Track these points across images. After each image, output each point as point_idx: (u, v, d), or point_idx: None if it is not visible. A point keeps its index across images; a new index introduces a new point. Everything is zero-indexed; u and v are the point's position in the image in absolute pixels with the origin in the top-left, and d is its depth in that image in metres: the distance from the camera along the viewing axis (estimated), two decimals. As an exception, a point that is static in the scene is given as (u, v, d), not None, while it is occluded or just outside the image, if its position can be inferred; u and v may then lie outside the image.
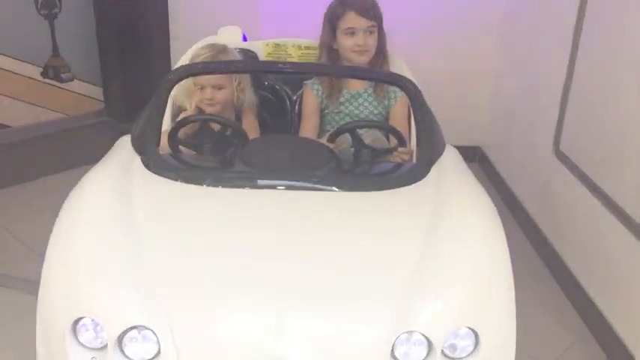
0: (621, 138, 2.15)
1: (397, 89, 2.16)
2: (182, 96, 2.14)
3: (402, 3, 3.31)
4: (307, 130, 2.23)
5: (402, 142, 1.88)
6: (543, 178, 2.82)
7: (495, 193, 3.34)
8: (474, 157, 3.68)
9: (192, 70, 1.93)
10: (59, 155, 3.63)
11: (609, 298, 2.23)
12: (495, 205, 1.68)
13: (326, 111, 2.27)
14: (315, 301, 1.33)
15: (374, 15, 2.21)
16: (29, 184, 3.28)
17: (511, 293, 1.39)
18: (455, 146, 2.01)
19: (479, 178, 3.40)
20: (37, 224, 2.79)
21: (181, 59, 2.29)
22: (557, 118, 2.62)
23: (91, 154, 3.22)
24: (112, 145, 1.93)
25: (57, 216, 1.56)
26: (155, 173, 1.65)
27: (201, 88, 2.07)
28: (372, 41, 2.21)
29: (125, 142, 1.84)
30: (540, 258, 2.78)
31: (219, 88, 2.08)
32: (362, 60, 2.21)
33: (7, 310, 2.31)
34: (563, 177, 2.57)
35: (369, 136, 2.03)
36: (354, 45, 2.19)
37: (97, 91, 4.11)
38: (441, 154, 1.82)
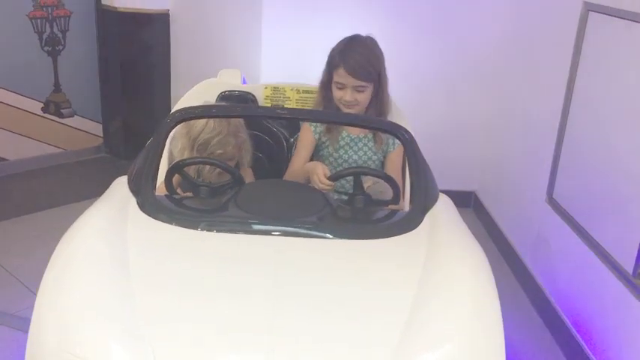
0: (613, 188, 2.18)
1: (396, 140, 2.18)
2: (178, 152, 2.09)
3: (400, 53, 3.38)
4: (297, 163, 2.21)
5: (397, 197, 1.87)
6: (537, 226, 2.83)
7: (489, 238, 3.35)
8: (469, 202, 3.71)
9: (190, 114, 1.93)
10: (56, 189, 3.65)
11: (604, 350, 2.22)
12: (489, 251, 1.69)
13: (323, 151, 2.25)
14: (305, 349, 1.31)
15: (366, 75, 2.13)
16: (24, 218, 3.27)
17: (501, 344, 1.38)
18: (449, 191, 2.03)
19: (473, 223, 3.47)
20: (31, 259, 2.80)
21: (180, 101, 2.31)
22: (551, 166, 2.65)
23: (88, 189, 3.27)
24: (109, 181, 1.94)
25: (51, 252, 1.55)
26: (150, 216, 1.65)
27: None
28: (361, 97, 2.16)
29: (121, 183, 1.84)
30: (533, 306, 2.77)
31: (230, 160, 2.07)
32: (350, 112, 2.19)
33: (-5, 346, 2.29)
34: (556, 225, 2.58)
35: (367, 181, 2.04)
36: (342, 98, 2.17)
37: (96, 127, 4.15)
38: (435, 202, 1.82)
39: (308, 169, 2.07)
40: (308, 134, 2.24)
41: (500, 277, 1.57)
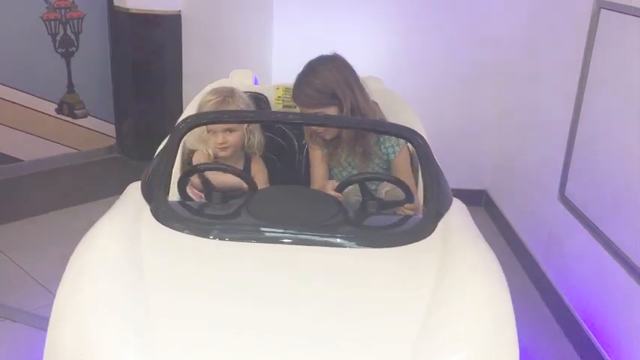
0: (625, 185, 2.17)
1: (396, 145, 2.17)
2: (193, 139, 2.15)
3: (411, 50, 3.39)
4: (318, 177, 2.22)
5: (410, 195, 1.88)
6: (549, 223, 2.83)
7: (501, 236, 3.34)
8: (480, 200, 3.70)
9: (203, 120, 1.94)
10: (69, 190, 3.69)
11: (618, 348, 2.21)
12: (500, 249, 1.69)
13: (331, 172, 2.26)
14: (320, 352, 1.32)
15: (310, 103, 2.11)
16: (39, 218, 3.31)
17: (515, 347, 1.38)
18: (461, 190, 2.02)
19: (484, 221, 3.47)
20: (46, 258, 2.83)
21: (192, 102, 2.32)
22: (563, 164, 2.65)
23: (101, 190, 3.30)
24: (122, 181, 1.96)
25: (66, 251, 1.58)
26: (163, 224, 1.67)
27: (213, 133, 2.09)
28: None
29: (135, 189, 1.85)
30: (545, 303, 2.77)
31: (230, 131, 2.10)
32: (326, 138, 2.18)
33: (14, 344, 2.32)
34: (568, 223, 2.57)
35: (385, 186, 2.05)
36: (316, 129, 2.16)
37: (109, 128, 4.19)
38: (448, 208, 1.82)
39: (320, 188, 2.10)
40: (317, 152, 2.24)
41: (512, 276, 1.57)
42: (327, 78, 2.12)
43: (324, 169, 2.24)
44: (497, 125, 3.54)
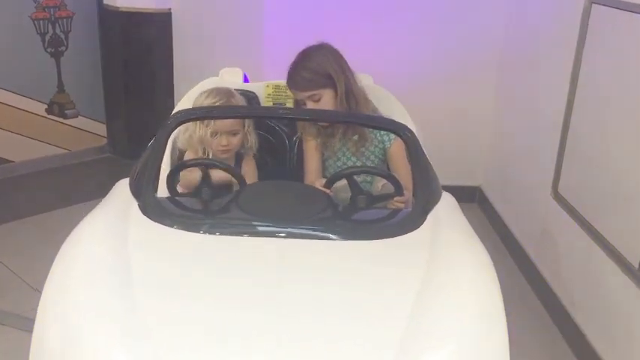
0: (618, 182, 2.17)
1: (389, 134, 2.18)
2: (185, 140, 2.13)
3: (402, 47, 3.38)
4: (311, 169, 2.22)
5: (399, 188, 1.89)
6: (542, 220, 2.82)
7: (494, 233, 3.34)
8: (474, 197, 3.70)
9: (191, 115, 1.94)
10: (61, 190, 3.66)
11: (610, 344, 2.21)
12: (494, 246, 1.68)
13: (325, 162, 2.27)
14: (308, 350, 1.31)
15: (307, 85, 2.16)
16: (30, 219, 3.29)
17: (505, 344, 1.37)
18: (454, 186, 2.01)
19: (478, 218, 3.46)
20: (37, 260, 2.79)
21: (183, 99, 2.31)
22: (556, 161, 2.64)
23: (93, 190, 3.27)
24: (114, 181, 1.94)
25: (57, 253, 1.56)
26: (152, 219, 1.65)
27: (218, 136, 2.06)
28: (322, 105, 2.17)
29: (123, 186, 1.83)
30: (539, 300, 2.77)
31: (234, 134, 2.08)
32: (321, 124, 2.21)
33: (4, 347, 2.29)
34: (561, 219, 2.57)
35: (379, 181, 2.04)
36: None
37: (100, 128, 4.16)
38: (438, 201, 1.81)
39: None
40: (310, 143, 2.24)
41: (505, 273, 1.57)
42: (322, 60, 2.19)
43: (317, 161, 2.24)
44: (490, 122, 3.53)
